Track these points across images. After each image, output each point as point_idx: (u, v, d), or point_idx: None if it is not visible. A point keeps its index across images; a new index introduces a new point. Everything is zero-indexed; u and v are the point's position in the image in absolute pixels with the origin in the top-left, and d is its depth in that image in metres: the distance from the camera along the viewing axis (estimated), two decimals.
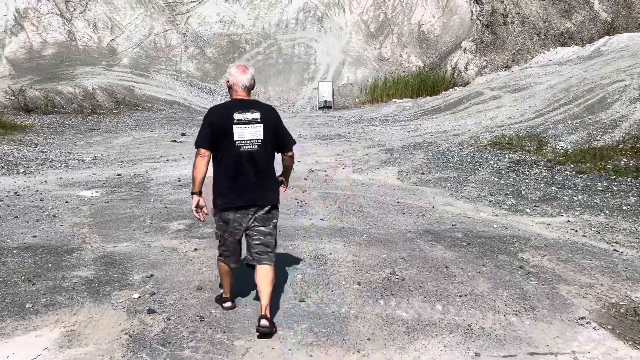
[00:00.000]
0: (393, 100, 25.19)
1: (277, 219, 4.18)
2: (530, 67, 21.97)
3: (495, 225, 7.09)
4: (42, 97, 22.77)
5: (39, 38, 27.87)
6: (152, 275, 5.30)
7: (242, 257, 4.34)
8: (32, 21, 28.17)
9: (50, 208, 8.16)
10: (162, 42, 29.80)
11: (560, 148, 12.68)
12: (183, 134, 17.01)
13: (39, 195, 9.10)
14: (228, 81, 4.18)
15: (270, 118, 4.04)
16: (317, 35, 30.98)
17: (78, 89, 24.43)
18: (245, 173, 3.93)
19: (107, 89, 25.05)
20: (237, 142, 3.87)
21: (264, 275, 4.02)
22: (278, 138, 4.11)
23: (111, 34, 29.33)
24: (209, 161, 3.98)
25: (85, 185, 10.06)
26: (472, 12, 29.48)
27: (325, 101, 25.93)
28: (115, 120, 21.59)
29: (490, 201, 8.62)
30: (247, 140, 3.88)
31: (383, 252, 5.95)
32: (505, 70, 25.20)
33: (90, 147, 15.52)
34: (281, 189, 4.37)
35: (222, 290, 4.54)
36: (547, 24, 27.72)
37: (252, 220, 4.01)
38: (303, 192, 9.28)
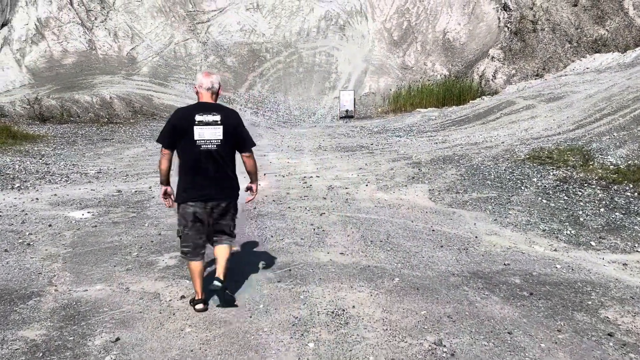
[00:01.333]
0: (417, 109, 23.65)
1: (235, 211, 4.59)
2: (566, 75, 20.26)
3: (558, 266, 5.56)
4: (58, 106, 21.78)
5: (59, 47, 27.02)
6: (117, 339, 3.91)
7: (203, 254, 4.48)
8: (53, 30, 27.36)
9: (28, 234, 6.86)
10: (182, 51, 28.75)
11: (609, 164, 11.02)
12: None
13: (23, 216, 7.83)
14: (195, 86, 4.41)
15: (230, 121, 4.25)
16: (339, 44, 29.62)
17: (95, 98, 23.42)
18: (205, 170, 4.17)
19: (124, 98, 24.01)
20: (197, 142, 4.10)
21: (221, 250, 4.41)
22: (238, 140, 4.35)
23: (131, 43, 28.37)
24: (170, 157, 4.33)
25: (78, 204, 8.78)
26: (499, 19, 27.82)
27: (347, 110, 24.51)
28: (130, 129, 20.46)
29: (543, 230, 7.07)
30: (206, 139, 4.09)
31: (422, 305, 4.48)
32: (537, 78, 23.48)
33: (98, 158, 14.32)
34: (248, 197, 4.83)
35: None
36: (579, 30, 25.92)
37: (210, 214, 4.31)
38: (321, 215, 7.85)
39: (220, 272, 4.31)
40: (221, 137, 4.19)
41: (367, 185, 10.30)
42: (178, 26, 29.69)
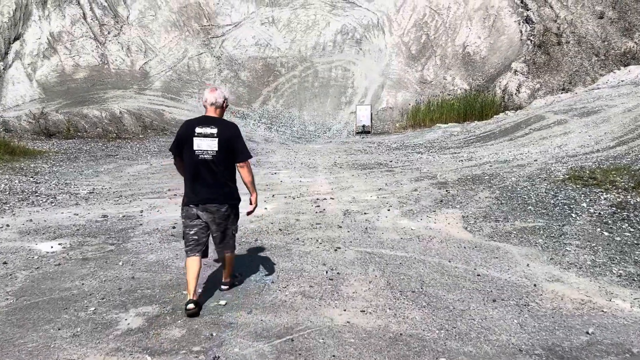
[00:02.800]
0: (437, 125, 22.04)
1: (236, 216, 4.78)
2: (599, 88, 18.52)
3: None
4: (65, 120, 20.59)
5: (71, 61, 25.99)
6: None
7: (204, 252, 4.64)
8: (66, 44, 26.37)
9: None
10: (195, 65, 27.56)
11: None
12: None
13: None
14: (202, 101, 4.66)
15: (226, 134, 4.42)
16: (355, 58, 28.21)
17: (104, 112, 22.22)
18: (202, 176, 4.42)
19: (135, 112, 22.77)
20: (195, 151, 4.39)
21: (227, 258, 4.82)
22: (233, 151, 4.48)
23: (144, 58, 27.26)
24: (181, 164, 4.61)
25: (52, 232, 7.32)
26: (521, 32, 26.19)
27: (364, 126, 22.99)
28: (137, 145, 19.15)
29: (619, 275, 5.40)
30: (203, 150, 4.35)
31: None
32: (563, 92, 21.75)
33: (96, 176, 12.94)
34: (249, 208, 4.86)
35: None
36: (606, 43, 24.17)
37: (211, 218, 4.51)
38: (335, 250, 6.27)
39: (225, 276, 4.96)
40: (216, 149, 4.37)
41: (389, 210, 8.71)
42: (192, 40, 28.55)
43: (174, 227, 7.47)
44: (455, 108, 22.86)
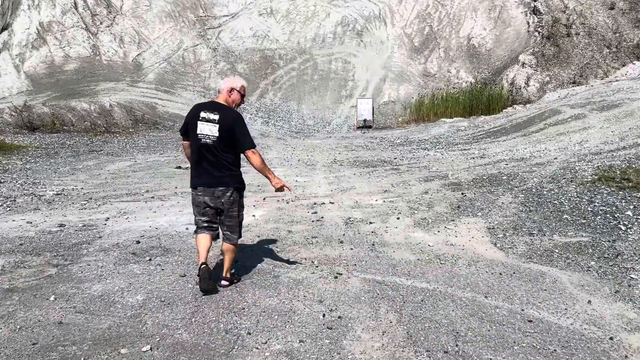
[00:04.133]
0: (442, 119, 20.50)
1: (241, 202, 4.57)
2: (617, 81, 16.97)
3: None
4: (50, 114, 19.02)
5: (61, 52, 24.37)
6: None
7: (213, 229, 4.51)
8: (56, 35, 24.74)
9: None
10: (190, 57, 25.95)
11: None
12: (179, 167, 12.29)
13: None
14: None
15: (227, 121, 4.29)
16: (356, 50, 26.60)
17: (93, 105, 20.66)
18: (204, 160, 4.33)
19: (126, 105, 21.21)
20: (199, 135, 4.30)
21: (226, 249, 4.59)
22: (234, 139, 4.32)
23: (138, 49, 25.65)
24: (189, 146, 4.50)
25: None
26: (528, 23, 24.58)
27: (365, 120, 21.44)
28: (125, 140, 17.61)
29: None
30: (205, 134, 4.28)
31: None
32: (574, 85, 20.19)
33: (72, 174, 11.42)
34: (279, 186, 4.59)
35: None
36: (617, 35, 22.57)
37: (218, 202, 4.39)
38: (335, 277, 4.77)
39: (225, 271, 4.60)
40: (217, 135, 4.29)
41: (398, 218, 7.19)
42: (187, 31, 26.93)
43: (137, 243, 5.96)
44: (460, 102, 21.31)
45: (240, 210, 4.58)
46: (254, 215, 7.39)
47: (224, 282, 4.52)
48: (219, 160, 4.34)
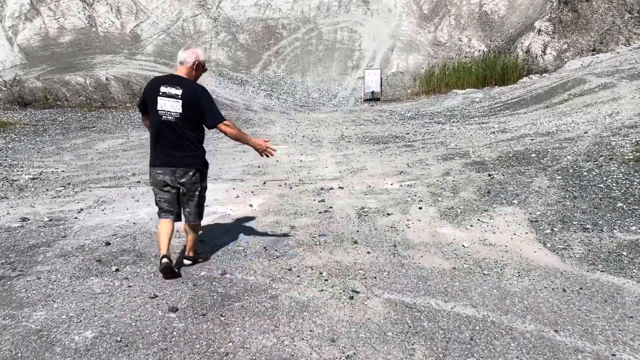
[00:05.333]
0: (454, 90, 19.07)
1: (204, 183, 4.15)
2: None
3: None
4: (42, 88, 17.73)
5: (55, 24, 22.90)
6: None
7: (175, 214, 4.10)
8: (50, 6, 23.22)
9: None
10: (190, 27, 24.41)
11: None
12: None
13: None
14: None
15: (191, 96, 3.89)
16: (363, 19, 24.93)
17: (89, 79, 19.32)
18: (165, 138, 3.92)
19: (123, 79, 19.87)
20: (159, 111, 3.89)
21: (187, 228, 4.16)
22: (199, 114, 3.94)
23: (135, 20, 24.11)
24: (148, 119, 4.06)
25: None
26: None
27: (372, 92, 20.02)
28: (121, 116, 16.35)
29: None
30: (167, 111, 3.87)
31: None
32: (594, 53, 18.63)
33: (56, 154, 10.22)
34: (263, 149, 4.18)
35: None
36: None
37: (178, 182, 3.99)
38: (351, 297, 3.58)
39: (188, 249, 4.24)
40: (180, 111, 3.86)
41: (420, 207, 5.98)
42: (187, 1, 25.31)
43: (107, 244, 4.78)
44: (473, 72, 19.82)
45: (203, 192, 4.16)
46: (251, 205, 6.19)
47: (186, 262, 4.18)
48: (180, 139, 3.92)
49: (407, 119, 14.86)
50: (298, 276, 3.98)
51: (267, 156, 4.18)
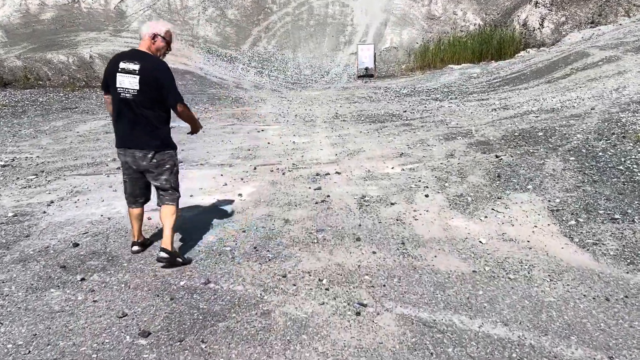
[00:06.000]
0: (449, 66, 18.32)
1: (169, 164, 3.75)
2: None
3: None
4: (22, 67, 16.76)
5: (36, 0, 21.72)
6: None
7: (142, 202, 3.88)
8: None
9: None
10: (177, 3, 23.27)
11: None
12: None
13: None
14: None
15: (149, 72, 3.54)
16: None
17: (72, 57, 18.34)
18: (124, 118, 3.62)
19: (108, 57, 18.84)
20: (118, 89, 3.57)
21: (164, 213, 3.74)
22: (160, 93, 3.57)
23: None
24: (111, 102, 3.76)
25: None
26: None
27: (366, 68, 19.22)
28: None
29: None
30: (125, 88, 3.54)
31: None
32: (593, 25, 17.90)
33: (33, 138, 9.46)
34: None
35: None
36: None
37: (142, 164, 3.69)
38: (357, 313, 2.97)
39: (165, 242, 3.64)
40: (137, 88, 3.51)
41: (427, 195, 5.36)
42: None
43: (75, 246, 4.12)
44: (469, 46, 19.04)
45: (172, 174, 3.78)
46: (240, 195, 5.54)
47: (162, 254, 3.61)
48: (138, 118, 3.59)
49: (403, 96, 14.16)
50: (294, 284, 3.37)
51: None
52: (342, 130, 9.73)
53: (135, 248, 3.90)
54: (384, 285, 3.32)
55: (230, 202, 5.30)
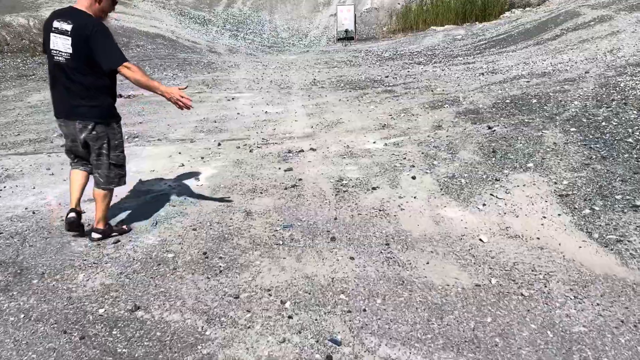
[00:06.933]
0: (432, 27, 17.25)
1: (109, 138, 3.27)
2: None
3: None
4: None
5: None
6: None
7: (85, 165, 3.40)
8: None
9: None
10: None
11: None
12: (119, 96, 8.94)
13: None
14: None
15: (82, 32, 3.02)
16: None
17: (33, 20, 16.78)
18: (59, 84, 3.17)
19: None
20: (52, 51, 3.10)
21: (97, 194, 3.35)
22: (95, 55, 3.02)
23: None
24: None
25: None
26: None
27: (346, 30, 18.05)
28: None
29: None
30: (58, 50, 3.06)
31: None
32: None
33: None
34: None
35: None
36: None
37: (81, 135, 3.21)
38: (329, 357, 2.16)
39: (97, 221, 3.38)
40: (70, 50, 3.03)
41: (413, 177, 4.53)
42: None
43: None
44: (452, 7, 17.94)
45: (113, 150, 3.33)
46: (197, 179, 4.65)
47: (94, 235, 3.38)
48: (74, 85, 3.13)
49: (384, 60, 13.16)
50: (248, 310, 2.54)
51: (182, 108, 3.11)
52: (319, 99, 8.79)
53: (72, 215, 3.34)
54: (364, 310, 2.51)
55: (185, 188, 4.41)
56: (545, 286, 2.71)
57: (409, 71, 10.95)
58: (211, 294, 2.69)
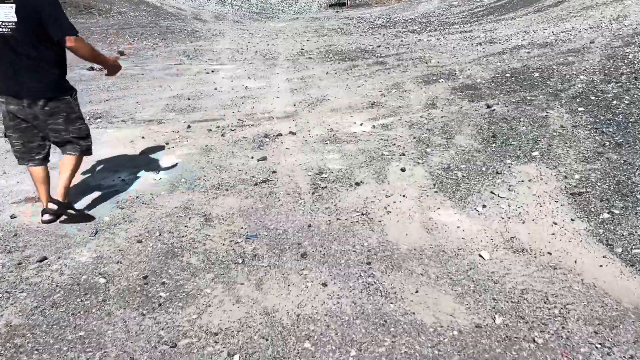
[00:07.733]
0: None
1: (64, 113, 2.97)
2: None
3: None
4: None
5: None
6: None
7: (41, 158, 3.05)
8: None
9: None
10: None
11: None
12: (91, 69, 8.19)
13: None
14: None
15: (26, 1, 2.74)
16: None
17: None
18: (5, 59, 2.83)
19: None
20: None
21: (63, 163, 3.12)
22: (43, 24, 2.74)
23: None
24: None
25: None
26: None
27: None
28: None
29: None
30: (1, 21, 2.75)
31: None
32: None
33: None
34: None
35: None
36: None
37: (29, 115, 2.92)
38: None
39: (57, 191, 3.10)
40: (15, 20, 2.74)
41: (402, 169, 3.89)
42: None
43: None
44: None
45: (72, 124, 3.00)
46: (156, 172, 3.99)
47: (51, 206, 3.06)
48: (21, 59, 2.78)
49: (377, 28, 12.28)
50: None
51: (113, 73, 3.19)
52: (305, 71, 8.04)
53: (46, 217, 3.11)
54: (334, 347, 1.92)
55: (140, 184, 3.76)
56: (563, 327, 2.12)
57: (402, 40, 10.14)
58: (142, 341, 2.09)
